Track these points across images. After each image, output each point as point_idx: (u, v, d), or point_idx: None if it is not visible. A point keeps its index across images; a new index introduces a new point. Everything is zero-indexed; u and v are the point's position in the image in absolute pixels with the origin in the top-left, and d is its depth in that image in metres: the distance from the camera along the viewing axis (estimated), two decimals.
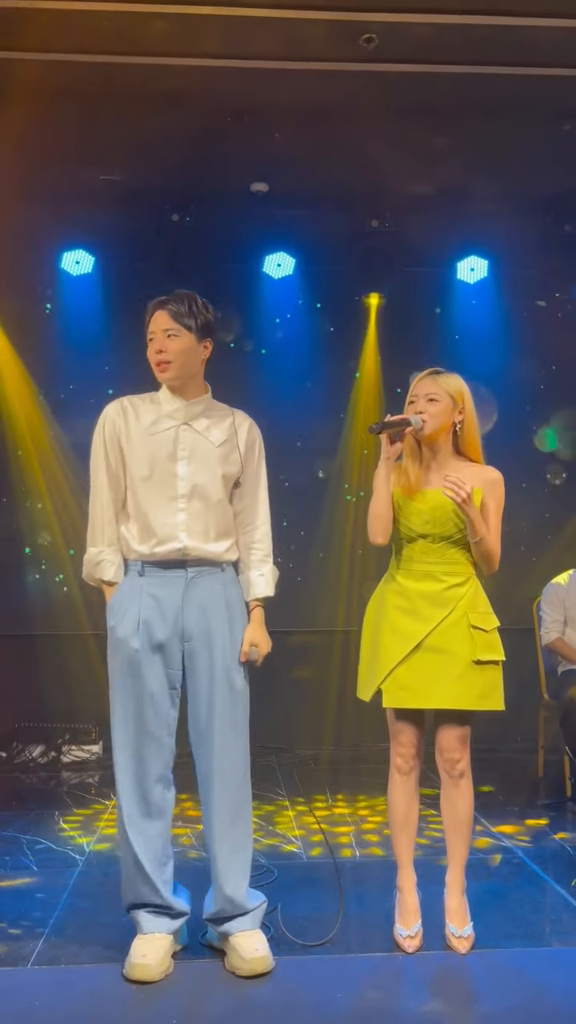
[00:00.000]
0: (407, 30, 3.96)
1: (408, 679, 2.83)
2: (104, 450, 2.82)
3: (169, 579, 2.76)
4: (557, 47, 4.09)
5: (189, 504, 2.76)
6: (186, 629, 2.76)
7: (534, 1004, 2.53)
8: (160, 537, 2.74)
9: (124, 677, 2.74)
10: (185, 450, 2.78)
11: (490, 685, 2.85)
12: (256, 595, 2.86)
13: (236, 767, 2.77)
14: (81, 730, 5.67)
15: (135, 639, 2.72)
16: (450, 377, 2.93)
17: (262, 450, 2.93)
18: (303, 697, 5.56)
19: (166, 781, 2.77)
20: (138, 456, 2.77)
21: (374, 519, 2.88)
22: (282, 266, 5.86)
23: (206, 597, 2.77)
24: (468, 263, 5.92)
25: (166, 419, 2.81)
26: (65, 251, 5.72)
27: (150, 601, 2.75)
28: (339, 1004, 2.52)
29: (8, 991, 2.61)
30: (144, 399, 2.88)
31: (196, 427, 2.82)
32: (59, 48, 4.07)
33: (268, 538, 2.91)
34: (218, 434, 2.83)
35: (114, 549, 2.83)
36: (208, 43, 4.07)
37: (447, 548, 2.89)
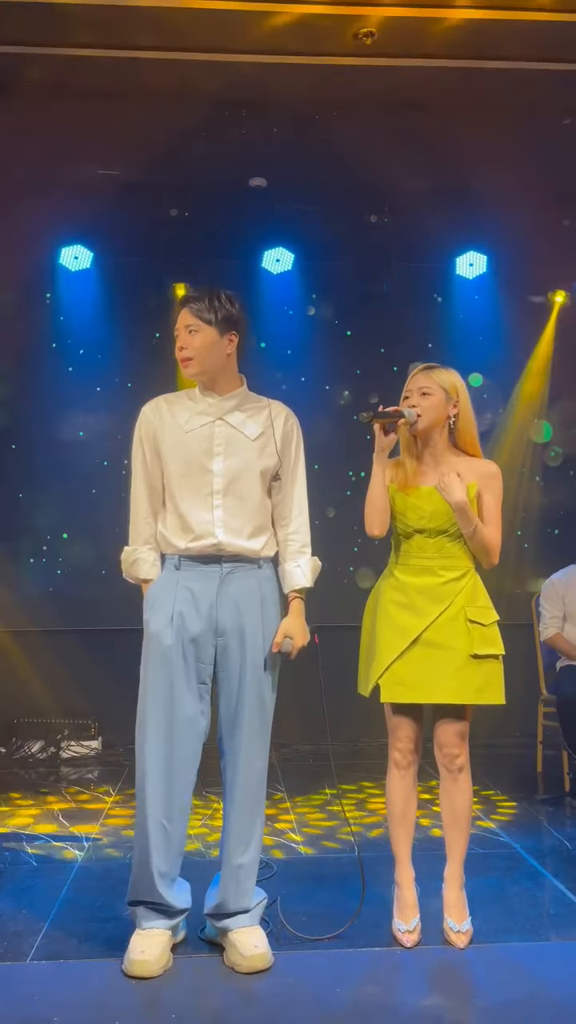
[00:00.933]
0: (405, 25, 3.96)
1: (405, 674, 2.83)
2: (141, 450, 2.83)
3: (205, 574, 2.76)
4: (556, 42, 4.08)
5: (224, 500, 2.75)
6: (219, 624, 2.75)
7: (533, 998, 2.53)
8: (196, 533, 2.74)
9: (156, 671, 2.72)
10: (220, 445, 2.78)
11: (489, 679, 2.85)
12: (293, 586, 2.84)
13: (258, 767, 2.77)
14: (80, 726, 5.68)
15: (168, 634, 2.71)
16: (444, 371, 2.93)
17: (300, 441, 2.91)
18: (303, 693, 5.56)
19: (192, 778, 2.76)
20: (174, 453, 2.78)
21: (370, 512, 2.89)
22: (281, 261, 5.86)
23: (241, 593, 2.77)
24: (467, 258, 5.92)
25: (200, 415, 2.81)
26: (63, 246, 5.72)
27: (185, 594, 2.74)
28: (338, 999, 2.53)
29: (7, 986, 2.61)
30: (180, 396, 2.88)
31: (231, 421, 2.80)
32: (57, 43, 4.07)
33: (305, 529, 2.89)
34: (254, 427, 2.81)
35: (150, 547, 2.84)
36: (206, 38, 4.07)
37: (444, 542, 2.89)
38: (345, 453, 5.77)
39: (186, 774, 2.74)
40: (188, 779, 2.75)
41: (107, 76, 4.33)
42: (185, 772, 2.73)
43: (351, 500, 5.86)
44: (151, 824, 2.69)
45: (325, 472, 5.97)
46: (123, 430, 3.01)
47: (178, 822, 2.73)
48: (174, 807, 2.72)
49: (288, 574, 2.85)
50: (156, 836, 2.69)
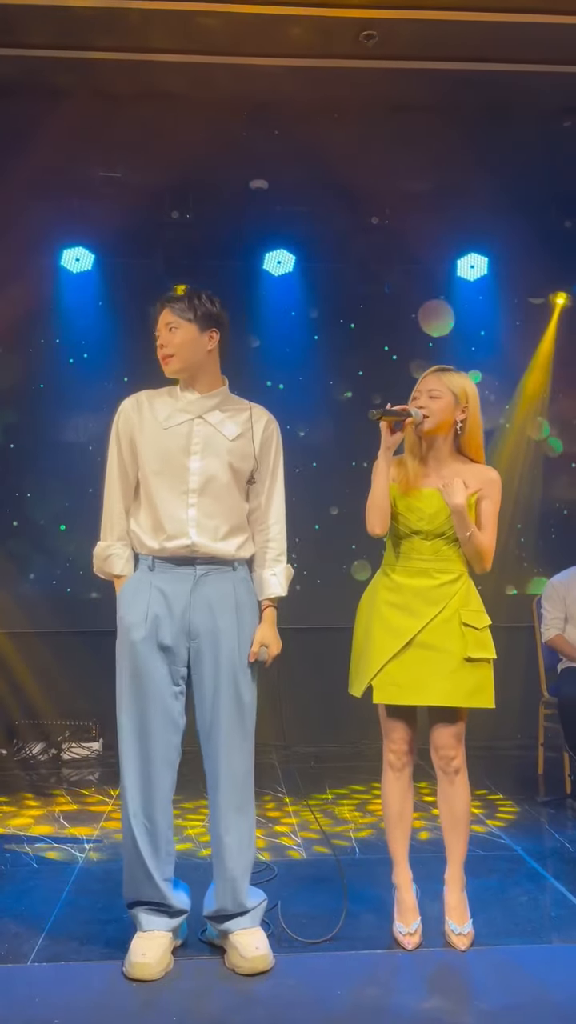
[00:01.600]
0: (407, 27, 3.96)
1: (399, 675, 2.83)
2: (117, 444, 2.82)
3: (178, 575, 2.75)
4: (557, 43, 4.08)
5: (200, 499, 2.74)
6: (192, 627, 2.75)
7: (534, 1001, 2.53)
8: (169, 532, 2.73)
9: (130, 670, 2.73)
10: (198, 444, 2.76)
11: (480, 683, 2.85)
12: (268, 595, 2.84)
13: (241, 767, 2.76)
14: (81, 727, 5.67)
15: (141, 632, 2.71)
16: (457, 375, 2.93)
17: (279, 446, 2.90)
18: (302, 694, 5.56)
19: (171, 778, 2.77)
20: (151, 450, 2.77)
21: (373, 509, 2.88)
22: (282, 263, 5.86)
23: (214, 596, 2.76)
24: (468, 260, 5.92)
25: (180, 412, 2.80)
26: (65, 248, 5.72)
27: (158, 596, 2.74)
28: (339, 1001, 2.52)
29: (8, 988, 2.61)
30: (161, 393, 2.87)
31: (210, 420, 2.80)
32: (58, 45, 4.07)
33: (282, 536, 2.89)
34: (232, 428, 2.80)
35: (124, 543, 2.83)
36: (208, 40, 4.06)
37: (441, 545, 2.89)
38: (345, 454, 5.78)
39: (164, 773, 2.74)
40: (167, 777, 2.75)
41: (109, 79, 4.33)
42: (163, 771, 2.74)
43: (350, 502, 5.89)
44: (134, 824, 2.72)
45: (324, 472, 5.99)
46: None
47: (161, 820, 2.74)
48: (155, 806, 2.73)
49: (264, 582, 2.84)
50: (141, 835, 2.71)
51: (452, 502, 2.81)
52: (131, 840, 2.73)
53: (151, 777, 2.73)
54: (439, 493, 2.87)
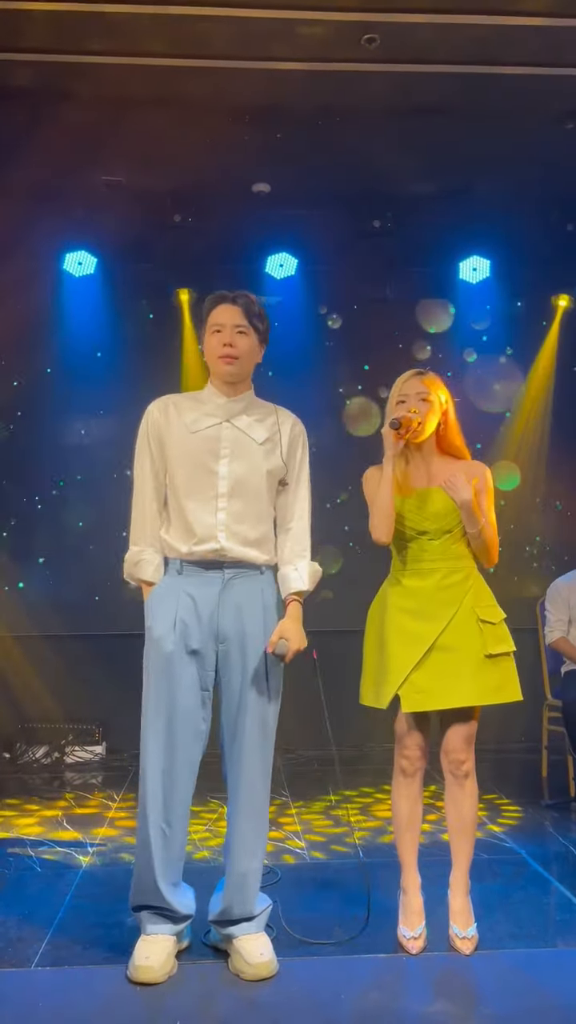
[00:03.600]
0: (409, 30, 3.97)
1: (424, 681, 2.82)
2: (147, 448, 2.81)
3: (207, 579, 2.74)
4: (559, 47, 4.08)
5: (229, 503, 2.73)
6: (221, 631, 2.74)
7: (539, 1005, 2.52)
8: (199, 536, 2.72)
9: (159, 676, 2.71)
10: (227, 448, 2.76)
11: (505, 676, 2.86)
12: (291, 590, 2.80)
13: (262, 773, 2.76)
14: (84, 731, 5.68)
15: (170, 640, 2.70)
16: (434, 376, 2.97)
17: (305, 448, 2.90)
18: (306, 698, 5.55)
19: (192, 785, 2.75)
20: (180, 454, 2.76)
21: (383, 517, 2.86)
22: (284, 266, 5.87)
23: (242, 599, 2.75)
24: (470, 263, 5.92)
25: (208, 417, 2.79)
26: (67, 252, 5.73)
27: (187, 601, 2.73)
28: (343, 1005, 2.52)
29: (12, 992, 2.61)
30: (187, 397, 2.87)
31: (238, 424, 2.79)
32: (61, 50, 4.08)
33: (306, 534, 2.87)
34: (261, 431, 2.80)
35: (154, 549, 2.82)
36: (210, 44, 4.07)
37: (448, 543, 2.90)
38: (348, 457, 5.78)
39: (186, 779, 2.73)
40: (188, 784, 2.74)
41: (112, 83, 4.34)
42: (185, 778, 2.73)
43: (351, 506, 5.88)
44: (151, 828, 2.69)
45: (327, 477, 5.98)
46: (127, 435, 3.01)
47: (178, 827, 2.73)
48: (173, 812, 2.71)
49: (286, 577, 2.83)
50: (156, 840, 2.69)
51: (461, 497, 2.82)
52: (146, 846, 2.70)
53: (173, 784, 2.71)
54: (439, 491, 2.88)
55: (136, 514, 2.84)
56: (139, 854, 2.75)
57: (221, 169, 5.08)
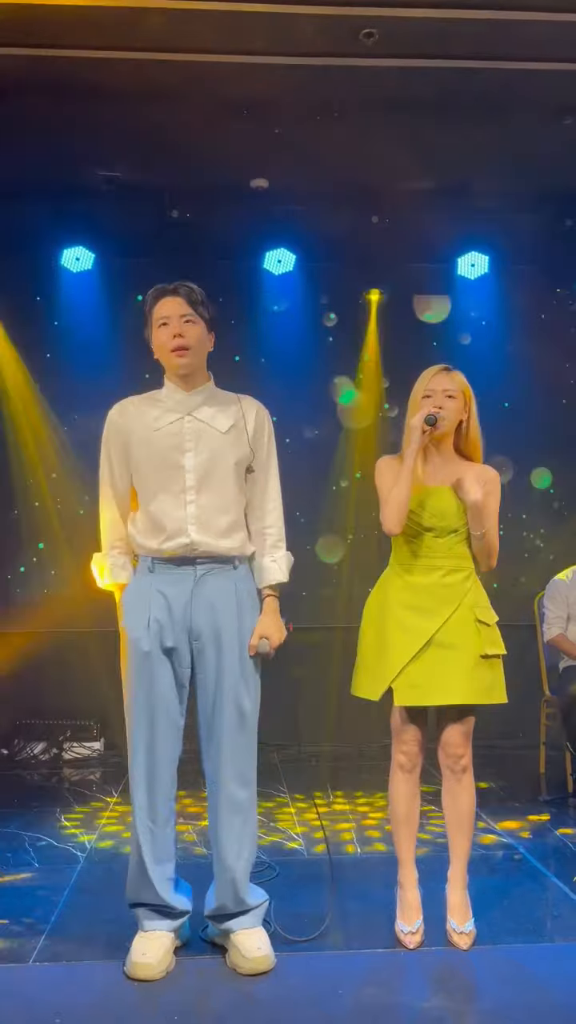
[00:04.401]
0: (407, 25, 3.94)
1: (419, 676, 2.82)
2: (108, 453, 2.81)
3: (179, 576, 2.74)
4: (557, 41, 4.06)
5: (198, 496, 2.72)
6: (194, 627, 2.73)
7: (536, 1000, 2.53)
8: (169, 532, 2.71)
9: (138, 677, 2.72)
10: (191, 441, 2.75)
11: (495, 678, 2.88)
12: (268, 582, 2.81)
13: (243, 766, 2.76)
14: (82, 727, 5.67)
15: (146, 640, 2.70)
16: (460, 375, 2.95)
17: (272, 434, 2.88)
18: (304, 694, 5.56)
19: (172, 780, 2.77)
20: (144, 452, 2.75)
21: (398, 508, 2.84)
22: (282, 262, 5.86)
23: (215, 594, 2.74)
24: (469, 259, 5.91)
25: (169, 412, 2.78)
26: (65, 248, 5.71)
27: (160, 600, 2.72)
28: (340, 1000, 2.52)
29: (10, 988, 2.61)
30: (145, 397, 2.86)
31: (200, 416, 2.78)
32: (57, 44, 4.05)
33: (280, 523, 2.86)
34: (224, 421, 2.78)
35: (121, 551, 2.82)
36: (208, 38, 4.05)
37: (454, 542, 2.90)
38: (348, 454, 5.79)
39: (168, 777, 2.75)
40: (170, 781, 2.75)
41: (108, 77, 4.32)
42: (167, 775, 2.74)
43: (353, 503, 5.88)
44: (140, 828, 2.72)
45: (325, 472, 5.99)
46: None
47: (163, 823, 2.73)
48: (157, 810, 2.72)
49: (264, 569, 2.82)
50: (144, 837, 2.71)
51: (472, 498, 2.82)
52: (136, 844, 2.73)
53: (156, 783, 2.72)
54: (451, 490, 2.88)
55: (102, 518, 2.84)
56: (132, 852, 2.77)
57: (219, 164, 5.06)
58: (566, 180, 5.31)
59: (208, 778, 2.79)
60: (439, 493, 2.90)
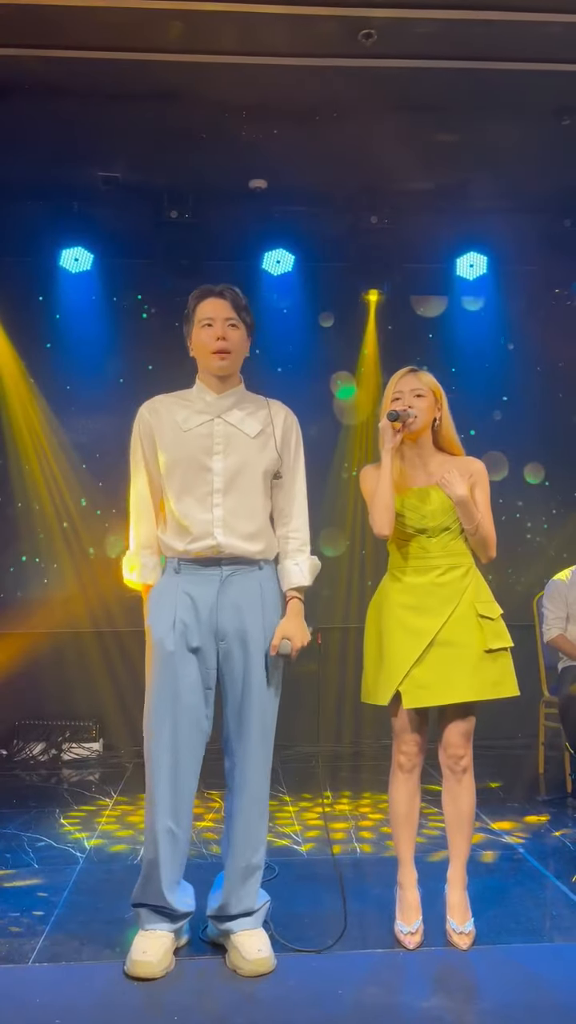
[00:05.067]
0: (406, 26, 3.95)
1: (425, 677, 2.83)
2: (140, 450, 2.81)
3: (205, 577, 2.73)
4: (556, 42, 4.07)
5: (225, 499, 2.72)
6: (220, 628, 2.73)
7: (535, 1000, 2.53)
8: (195, 534, 2.71)
9: (162, 678, 2.71)
10: (220, 444, 2.75)
11: (503, 672, 2.87)
12: (292, 584, 2.81)
13: (263, 769, 2.76)
14: (81, 727, 5.67)
15: (171, 640, 2.69)
16: (427, 374, 2.98)
17: (299, 439, 2.88)
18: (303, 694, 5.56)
19: (196, 784, 2.75)
20: (173, 453, 2.75)
21: (383, 510, 2.85)
22: (281, 263, 5.86)
23: (241, 596, 2.74)
24: (467, 259, 5.92)
25: (199, 414, 2.78)
26: (64, 248, 5.71)
27: (186, 600, 2.72)
28: (340, 1000, 2.52)
29: (9, 988, 2.61)
30: (176, 396, 2.86)
31: (230, 420, 2.78)
32: (57, 44, 4.06)
33: (305, 528, 2.87)
34: (253, 425, 2.79)
35: (150, 551, 2.81)
36: (207, 39, 4.06)
37: (447, 540, 2.90)
38: (345, 454, 5.80)
39: (192, 778, 2.74)
40: (193, 783, 2.75)
41: (108, 78, 4.32)
42: (191, 777, 2.73)
43: (353, 503, 5.87)
44: (160, 830, 2.69)
45: (323, 472, 5.99)
46: (123, 432, 3.00)
47: (184, 826, 2.73)
48: (181, 811, 2.72)
49: (287, 572, 2.82)
50: (165, 840, 2.69)
51: (456, 494, 2.83)
52: (154, 847, 2.69)
53: (180, 784, 2.71)
54: (436, 489, 2.89)
55: (133, 516, 2.84)
56: (147, 854, 2.73)
57: (218, 165, 5.07)
58: (565, 181, 5.32)
59: (230, 781, 2.78)
60: (424, 494, 2.91)
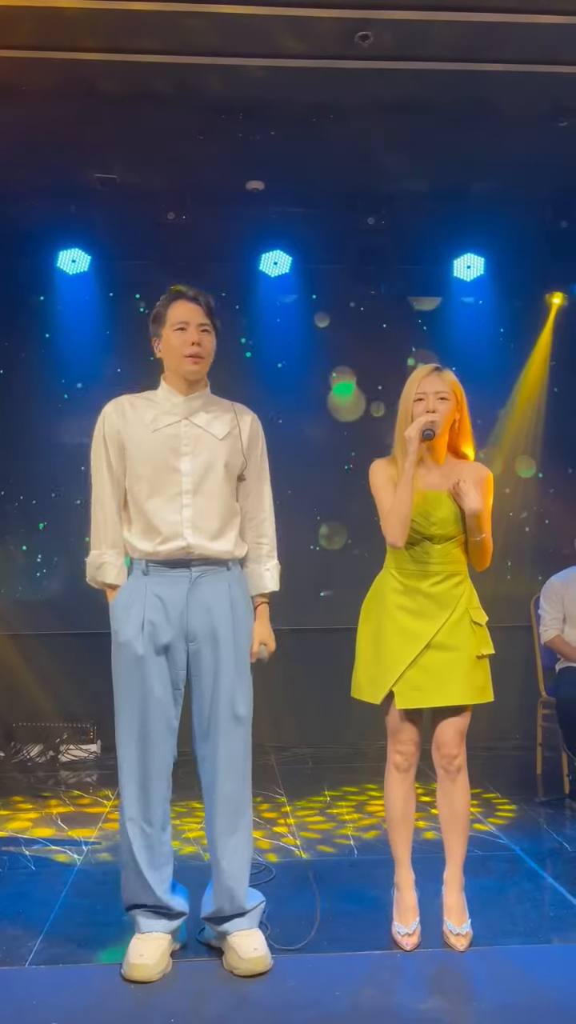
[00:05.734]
0: (403, 27, 3.95)
1: (419, 679, 2.83)
2: (104, 450, 2.80)
3: (174, 578, 2.74)
4: (554, 44, 4.07)
5: (194, 500, 2.73)
6: (190, 630, 2.74)
7: (532, 1001, 2.53)
8: (164, 535, 2.72)
9: (129, 679, 2.72)
10: (188, 445, 2.76)
11: (485, 678, 2.90)
12: (262, 590, 2.85)
13: (239, 768, 2.76)
14: (79, 729, 5.67)
15: (139, 643, 2.70)
16: (450, 374, 2.94)
17: (264, 443, 2.91)
18: (299, 695, 5.56)
19: (167, 783, 2.77)
20: (140, 454, 2.75)
21: (401, 522, 2.83)
22: (278, 264, 5.86)
23: (210, 597, 2.75)
24: (465, 260, 5.92)
25: (166, 415, 2.79)
26: (61, 250, 5.71)
27: (155, 602, 2.72)
28: (337, 1002, 2.52)
29: (6, 990, 2.61)
30: (140, 397, 2.86)
31: (197, 422, 2.79)
32: (54, 46, 4.06)
33: (273, 532, 2.90)
34: (220, 427, 2.80)
35: (116, 551, 2.80)
36: (204, 41, 4.05)
37: (450, 548, 2.90)
38: (342, 455, 5.80)
39: (163, 778, 2.75)
40: (165, 783, 2.76)
41: (105, 80, 4.32)
42: (163, 776, 2.74)
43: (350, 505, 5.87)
44: (131, 829, 2.72)
45: (320, 468, 5.99)
46: None
47: (159, 825, 2.74)
48: (153, 811, 2.73)
49: (258, 577, 2.85)
50: (137, 839, 2.71)
51: (472, 507, 2.81)
52: (128, 846, 2.73)
53: (148, 783, 2.73)
54: (448, 496, 2.87)
55: (95, 516, 2.82)
56: (123, 855, 2.77)
57: (215, 166, 5.07)
58: (562, 182, 5.32)
59: (204, 781, 2.79)
60: (437, 500, 2.89)
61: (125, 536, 2.80)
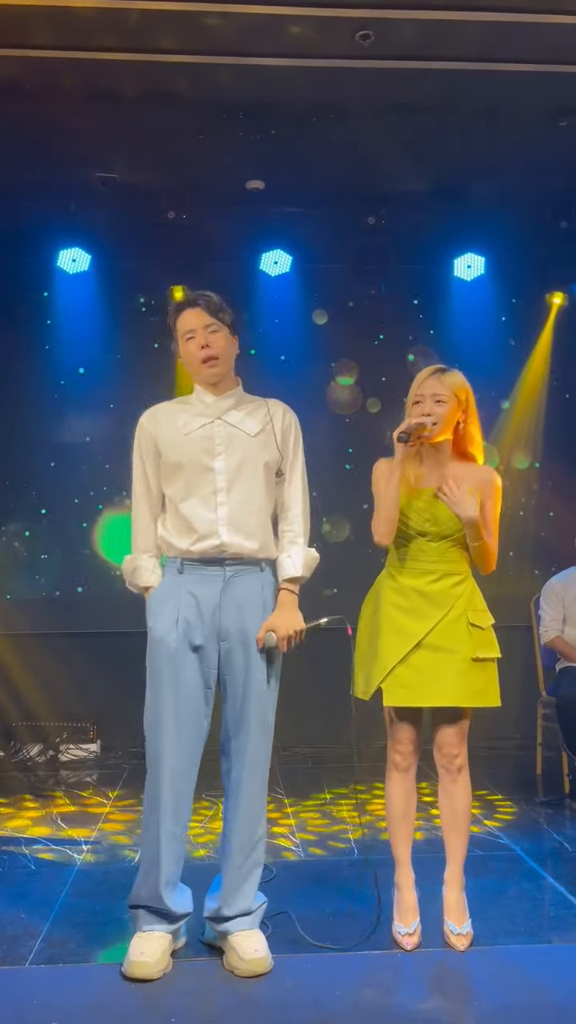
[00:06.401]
0: (403, 27, 3.95)
1: (408, 677, 2.83)
2: (140, 459, 2.83)
3: (208, 577, 2.75)
4: (554, 43, 4.07)
5: (229, 497, 2.75)
6: (223, 628, 2.74)
7: (533, 1001, 2.52)
8: (200, 533, 2.73)
9: (163, 677, 2.71)
10: (222, 444, 2.77)
11: (487, 682, 2.87)
12: (283, 576, 2.82)
13: (263, 768, 2.77)
14: (79, 729, 5.67)
15: (173, 638, 2.71)
16: (454, 375, 2.92)
17: (299, 436, 2.91)
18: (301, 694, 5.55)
19: (193, 782, 2.76)
20: (175, 456, 2.77)
21: (386, 521, 2.85)
22: (279, 264, 5.86)
23: (243, 597, 2.76)
24: (465, 260, 5.92)
25: (198, 417, 2.81)
26: (61, 249, 5.72)
27: (189, 599, 2.74)
28: (338, 1002, 2.52)
29: (6, 990, 2.60)
30: (175, 403, 2.90)
31: (229, 420, 2.80)
32: (54, 45, 4.06)
33: (300, 519, 2.87)
34: (253, 424, 2.81)
35: (151, 555, 2.83)
36: (204, 40, 4.06)
37: (447, 547, 2.89)
38: (342, 456, 5.79)
39: (192, 778, 2.75)
40: (193, 783, 2.76)
41: (105, 79, 4.32)
42: (192, 777, 2.75)
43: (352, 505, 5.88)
44: (163, 833, 2.69)
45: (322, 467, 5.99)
46: (122, 433, 3.02)
47: (184, 826, 2.74)
48: (181, 812, 2.73)
49: (280, 565, 2.84)
50: (167, 842, 2.69)
51: (466, 515, 2.81)
52: (155, 848, 2.70)
53: (183, 785, 2.72)
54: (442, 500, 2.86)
55: (133, 522, 2.87)
56: (146, 856, 2.74)
57: (215, 166, 5.07)
58: (562, 182, 5.32)
59: (229, 778, 2.79)
60: (431, 498, 2.89)
61: (162, 535, 2.81)
